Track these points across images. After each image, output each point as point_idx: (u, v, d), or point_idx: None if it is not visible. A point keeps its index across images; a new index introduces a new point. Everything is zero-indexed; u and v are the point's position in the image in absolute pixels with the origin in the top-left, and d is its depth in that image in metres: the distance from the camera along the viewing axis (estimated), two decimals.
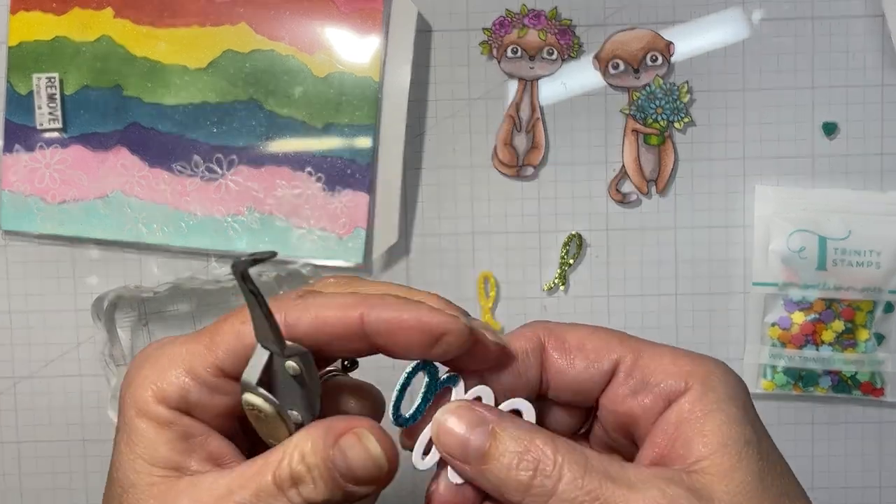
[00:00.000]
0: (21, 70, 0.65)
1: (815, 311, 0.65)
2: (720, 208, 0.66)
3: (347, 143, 0.64)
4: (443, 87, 0.66)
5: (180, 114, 0.65)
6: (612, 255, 0.67)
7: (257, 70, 0.64)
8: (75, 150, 0.65)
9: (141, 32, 0.64)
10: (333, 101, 0.64)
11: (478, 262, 0.67)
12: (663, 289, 0.67)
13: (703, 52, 0.66)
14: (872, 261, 0.64)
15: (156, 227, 0.65)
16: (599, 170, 0.66)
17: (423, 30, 0.66)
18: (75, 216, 0.65)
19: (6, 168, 0.65)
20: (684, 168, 0.66)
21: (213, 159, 0.65)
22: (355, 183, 0.64)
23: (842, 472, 0.68)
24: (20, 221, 0.66)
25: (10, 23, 0.65)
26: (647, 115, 0.66)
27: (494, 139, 0.66)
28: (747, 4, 0.65)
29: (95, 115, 0.65)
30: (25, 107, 0.65)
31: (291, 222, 0.65)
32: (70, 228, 0.65)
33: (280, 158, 0.65)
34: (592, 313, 0.67)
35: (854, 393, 0.66)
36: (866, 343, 0.65)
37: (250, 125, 0.64)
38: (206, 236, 0.65)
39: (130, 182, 0.65)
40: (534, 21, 0.65)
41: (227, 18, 0.64)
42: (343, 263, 0.65)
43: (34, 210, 0.65)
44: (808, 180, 0.66)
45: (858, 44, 0.65)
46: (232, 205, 0.65)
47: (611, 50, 0.65)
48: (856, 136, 0.66)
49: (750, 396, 0.33)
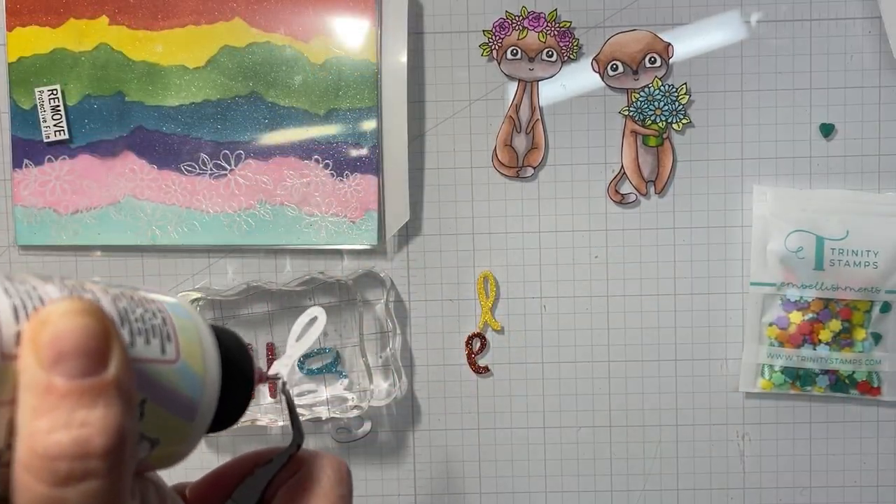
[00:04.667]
0: (23, 85, 0.65)
1: (812, 310, 0.65)
2: (718, 209, 0.67)
3: (351, 128, 0.65)
4: (443, 89, 0.66)
5: (183, 114, 0.65)
6: (611, 255, 0.67)
7: (255, 63, 0.65)
8: (83, 160, 0.66)
9: (137, 37, 0.65)
10: (333, 87, 0.65)
11: (478, 262, 0.67)
12: (662, 289, 0.67)
13: (701, 53, 0.66)
14: (870, 261, 0.64)
15: (170, 229, 0.66)
16: (598, 170, 0.67)
17: (424, 31, 0.66)
18: (89, 225, 0.66)
19: (17, 183, 0.66)
20: (683, 169, 0.67)
21: (220, 156, 0.65)
22: (363, 166, 0.65)
23: (839, 471, 0.68)
24: (35, 235, 0.66)
25: (8, 39, 0.65)
26: (646, 116, 0.66)
27: (494, 140, 0.67)
28: (745, 6, 0.66)
29: (100, 122, 0.65)
30: (30, 121, 0.65)
31: (303, 211, 0.65)
32: (84, 237, 0.66)
33: (286, 149, 0.65)
34: (592, 314, 0.67)
35: (851, 392, 0.66)
36: (863, 343, 0.66)
37: (253, 119, 0.65)
38: (221, 233, 0.66)
39: (140, 186, 0.66)
40: (533, 23, 0.66)
41: (220, 15, 0.65)
42: (357, 246, 0.66)
43: (48, 223, 0.66)
44: (806, 181, 0.66)
45: (856, 46, 0.66)
46: (243, 199, 0.65)
47: (610, 52, 0.66)
48: (853, 137, 0.66)
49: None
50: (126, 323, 0.23)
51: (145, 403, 0.23)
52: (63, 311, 0.20)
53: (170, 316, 0.25)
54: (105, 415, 0.20)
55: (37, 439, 0.20)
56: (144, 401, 0.23)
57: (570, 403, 0.68)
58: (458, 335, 0.68)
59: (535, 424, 0.69)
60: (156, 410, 0.23)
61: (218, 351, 0.26)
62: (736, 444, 0.68)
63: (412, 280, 0.67)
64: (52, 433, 0.20)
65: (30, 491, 0.20)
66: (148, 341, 0.23)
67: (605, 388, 0.68)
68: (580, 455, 0.69)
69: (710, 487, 0.69)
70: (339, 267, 0.67)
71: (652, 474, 0.69)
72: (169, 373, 0.23)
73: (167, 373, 0.23)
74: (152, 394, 0.23)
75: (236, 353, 0.27)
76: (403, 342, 0.68)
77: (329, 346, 0.68)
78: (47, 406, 0.20)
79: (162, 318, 0.24)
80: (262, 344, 0.68)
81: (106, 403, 0.20)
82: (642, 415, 0.68)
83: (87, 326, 0.20)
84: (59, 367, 0.20)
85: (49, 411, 0.20)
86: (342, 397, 0.68)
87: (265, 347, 0.68)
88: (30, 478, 0.20)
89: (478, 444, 0.69)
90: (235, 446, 0.69)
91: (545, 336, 0.68)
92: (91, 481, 0.20)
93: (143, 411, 0.23)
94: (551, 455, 0.69)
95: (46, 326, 0.20)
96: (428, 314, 0.67)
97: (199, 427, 0.25)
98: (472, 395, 0.68)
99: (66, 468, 0.20)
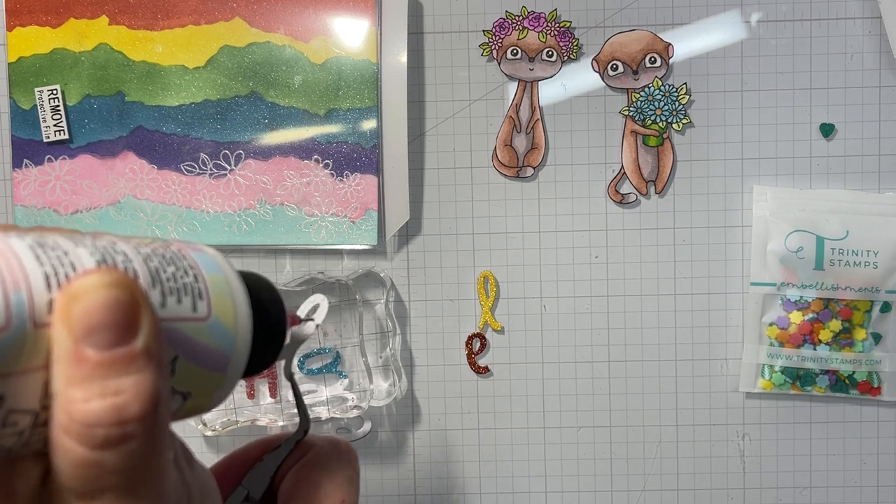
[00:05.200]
0: (22, 85, 0.65)
1: (812, 310, 0.65)
2: (718, 209, 0.67)
3: (351, 128, 0.65)
4: (443, 89, 0.66)
5: (183, 114, 0.65)
6: (611, 255, 0.67)
7: (255, 63, 0.65)
8: (83, 160, 0.66)
9: (137, 37, 0.65)
10: (333, 87, 0.65)
11: (478, 262, 0.67)
12: (662, 289, 0.67)
13: (701, 53, 0.66)
14: (869, 261, 0.64)
15: (169, 229, 0.66)
16: (598, 170, 0.67)
17: (424, 31, 0.66)
18: (89, 225, 0.66)
19: (17, 184, 0.66)
20: (683, 169, 0.67)
21: (220, 156, 0.65)
22: (363, 166, 0.65)
23: (839, 471, 0.68)
24: None
25: (8, 39, 0.65)
26: (646, 116, 0.66)
27: (494, 140, 0.67)
28: (745, 6, 0.66)
29: (100, 122, 0.65)
30: (30, 121, 0.65)
31: (303, 211, 0.65)
32: None
33: (286, 149, 0.65)
34: (592, 314, 0.67)
35: (851, 392, 0.66)
36: (863, 343, 0.66)
37: (253, 119, 0.65)
38: (221, 233, 0.66)
39: (140, 186, 0.66)
40: (533, 23, 0.66)
41: (220, 15, 0.65)
42: (357, 246, 0.66)
43: (48, 223, 0.66)
44: (806, 181, 0.66)
45: (856, 46, 0.66)
46: (243, 199, 0.66)
47: (610, 51, 0.66)
48: (853, 137, 0.66)
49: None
50: (158, 283, 0.23)
51: (177, 360, 0.23)
52: (93, 285, 0.21)
53: (202, 272, 0.25)
54: (138, 381, 0.21)
55: (74, 407, 0.20)
56: (176, 358, 0.23)
57: (570, 403, 0.68)
58: (458, 335, 0.68)
59: (535, 424, 0.68)
60: (187, 366, 0.24)
61: (249, 303, 0.26)
62: (736, 444, 0.68)
63: (412, 280, 0.67)
64: (87, 402, 0.20)
65: (70, 452, 0.20)
66: (180, 300, 0.23)
67: (605, 388, 0.68)
68: (580, 455, 0.69)
69: (710, 487, 0.69)
70: (339, 267, 0.67)
71: (652, 474, 0.69)
72: (201, 329, 0.24)
73: (199, 330, 0.24)
74: (184, 351, 0.23)
75: (268, 303, 0.28)
76: (403, 342, 0.68)
77: (329, 346, 0.68)
78: (81, 376, 0.20)
79: (194, 274, 0.24)
80: None
81: (138, 370, 0.21)
82: (642, 415, 0.68)
83: (116, 299, 0.21)
84: (91, 339, 0.20)
85: (83, 381, 0.20)
86: (342, 397, 0.68)
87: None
88: (69, 441, 0.20)
89: (478, 444, 0.69)
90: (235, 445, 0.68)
91: (545, 336, 0.68)
92: (130, 443, 0.21)
93: (175, 368, 0.23)
94: (551, 455, 0.69)
95: (78, 300, 0.20)
96: (428, 314, 0.67)
97: (232, 377, 0.25)
98: (472, 395, 0.68)
99: (104, 433, 0.20)
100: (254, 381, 0.68)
